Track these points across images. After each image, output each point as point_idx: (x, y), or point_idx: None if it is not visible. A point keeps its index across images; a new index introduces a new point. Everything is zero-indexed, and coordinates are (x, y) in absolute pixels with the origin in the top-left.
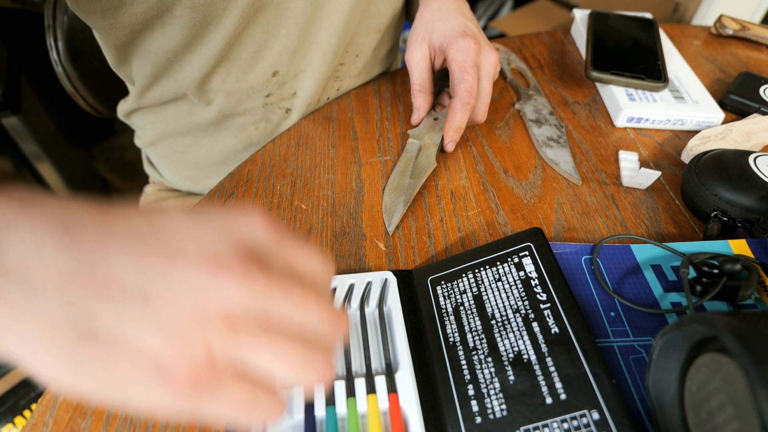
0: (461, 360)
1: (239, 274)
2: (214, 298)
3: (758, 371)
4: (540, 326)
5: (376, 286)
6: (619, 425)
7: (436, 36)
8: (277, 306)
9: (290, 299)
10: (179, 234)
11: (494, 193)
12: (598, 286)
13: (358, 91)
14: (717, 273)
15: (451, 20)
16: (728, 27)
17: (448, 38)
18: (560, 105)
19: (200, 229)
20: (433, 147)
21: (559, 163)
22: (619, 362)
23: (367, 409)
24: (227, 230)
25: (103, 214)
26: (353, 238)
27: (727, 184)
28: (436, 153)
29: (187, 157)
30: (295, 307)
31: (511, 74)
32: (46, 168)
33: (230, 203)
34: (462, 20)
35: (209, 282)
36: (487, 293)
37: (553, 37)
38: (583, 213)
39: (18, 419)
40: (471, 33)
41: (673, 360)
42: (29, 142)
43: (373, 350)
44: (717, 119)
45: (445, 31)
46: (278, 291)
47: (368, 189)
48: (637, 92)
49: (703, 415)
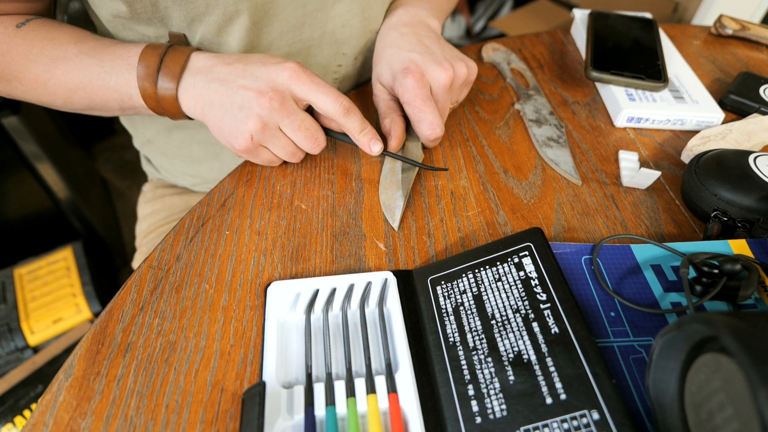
0: (461, 360)
1: (265, 101)
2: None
3: (758, 371)
4: (540, 326)
5: (376, 286)
6: (619, 425)
7: (385, 78)
8: (283, 124)
9: (290, 124)
10: (251, 74)
11: (494, 193)
12: (598, 286)
13: (357, 91)
14: (717, 273)
15: (399, 53)
16: (728, 27)
17: (395, 77)
18: (560, 105)
19: (256, 72)
20: (415, 145)
21: (559, 163)
22: (619, 362)
23: (367, 409)
24: (270, 75)
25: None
26: (353, 238)
27: (727, 184)
28: (420, 147)
29: (183, 152)
30: (291, 128)
31: (511, 74)
32: (46, 168)
33: (230, 203)
34: (406, 50)
35: (252, 100)
36: (487, 293)
37: (553, 37)
38: (583, 213)
39: (18, 419)
40: (413, 65)
41: (673, 360)
42: (29, 141)
43: (373, 350)
44: (717, 119)
45: (392, 69)
46: (284, 116)
47: (368, 189)
48: (637, 92)
49: (703, 415)
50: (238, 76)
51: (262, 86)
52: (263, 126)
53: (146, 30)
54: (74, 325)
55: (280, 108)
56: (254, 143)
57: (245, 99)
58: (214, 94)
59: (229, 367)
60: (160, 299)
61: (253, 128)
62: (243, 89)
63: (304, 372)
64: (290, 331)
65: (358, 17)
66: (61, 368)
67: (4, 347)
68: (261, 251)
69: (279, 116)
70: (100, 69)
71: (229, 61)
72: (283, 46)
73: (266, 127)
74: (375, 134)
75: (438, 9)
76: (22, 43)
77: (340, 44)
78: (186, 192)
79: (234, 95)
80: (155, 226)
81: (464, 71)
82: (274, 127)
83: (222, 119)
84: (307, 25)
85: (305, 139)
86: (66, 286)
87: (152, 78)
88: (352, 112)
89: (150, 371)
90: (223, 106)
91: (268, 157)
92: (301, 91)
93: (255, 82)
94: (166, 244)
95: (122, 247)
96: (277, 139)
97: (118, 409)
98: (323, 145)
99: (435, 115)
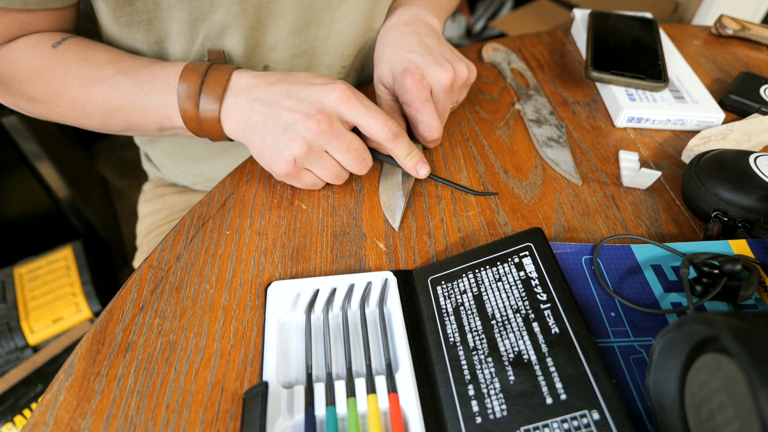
0: (461, 360)
1: (312, 124)
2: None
3: (758, 371)
4: (540, 326)
5: (376, 286)
6: (619, 425)
7: (386, 79)
8: (331, 147)
9: (338, 146)
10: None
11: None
12: (599, 286)
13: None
14: (717, 273)
15: (399, 54)
16: (728, 27)
17: (395, 78)
18: (560, 105)
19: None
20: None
21: (559, 163)
22: (619, 362)
23: (368, 409)
24: (317, 96)
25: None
26: (353, 238)
27: (728, 184)
28: (420, 148)
29: (185, 151)
30: (339, 151)
31: (511, 74)
32: (46, 167)
33: (230, 203)
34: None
35: (298, 123)
36: (487, 293)
37: (553, 37)
38: (584, 213)
39: (18, 418)
40: (413, 65)
41: (673, 360)
42: (29, 141)
43: (374, 350)
44: (717, 119)
45: (392, 69)
46: (332, 139)
47: (368, 189)
48: (637, 92)
49: (704, 416)
50: (282, 97)
51: (308, 109)
52: (308, 150)
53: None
54: (74, 324)
55: (328, 131)
56: (297, 167)
57: (290, 121)
58: (257, 115)
59: (230, 367)
60: (161, 299)
61: (298, 152)
62: (288, 111)
63: (305, 372)
64: (290, 331)
65: (363, 17)
66: (61, 368)
67: (4, 346)
68: (261, 251)
69: (327, 139)
70: (139, 90)
71: (273, 81)
72: (288, 47)
73: (311, 150)
74: (422, 157)
75: (439, 8)
76: (59, 65)
77: (345, 45)
78: (187, 191)
79: (278, 117)
80: (156, 225)
81: (465, 72)
82: (320, 150)
83: (264, 142)
84: (312, 26)
85: (353, 161)
86: (66, 286)
87: (194, 99)
88: (400, 136)
89: (150, 371)
90: (266, 127)
91: (311, 180)
92: (350, 114)
93: (301, 104)
94: (167, 243)
95: (122, 247)
96: (322, 162)
97: (118, 409)
98: (370, 164)
99: (433, 117)
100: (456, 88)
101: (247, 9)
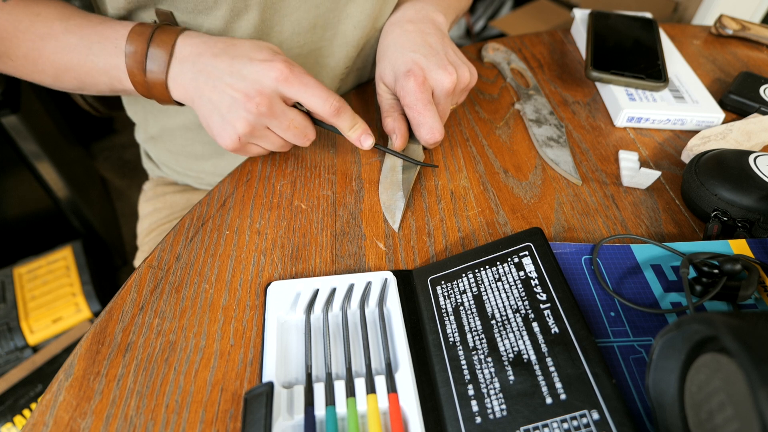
0: (461, 360)
1: (252, 106)
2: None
3: (758, 371)
4: (540, 326)
5: (376, 286)
6: (619, 425)
7: (387, 78)
8: (272, 125)
9: (278, 125)
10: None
11: (494, 193)
12: (598, 286)
13: (357, 90)
14: (717, 273)
15: (402, 54)
16: (728, 27)
17: (397, 79)
18: (560, 105)
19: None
20: (416, 146)
21: (559, 163)
22: (619, 362)
23: (367, 409)
24: (256, 75)
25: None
26: (353, 238)
27: (727, 184)
28: (421, 147)
29: (186, 149)
30: (279, 129)
31: (511, 74)
32: (46, 167)
33: (230, 203)
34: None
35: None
36: (487, 293)
37: (553, 36)
38: (583, 213)
39: (17, 418)
40: (416, 67)
41: (673, 360)
42: (29, 141)
43: (373, 350)
44: (717, 119)
45: (394, 69)
46: (272, 119)
47: (368, 189)
48: (637, 92)
49: (703, 415)
50: (225, 73)
51: (248, 89)
52: (251, 129)
53: None
54: (74, 324)
55: (267, 112)
56: (241, 143)
57: (233, 100)
58: (204, 87)
59: (229, 367)
60: (160, 299)
61: (241, 130)
62: (230, 89)
63: (304, 372)
64: (290, 331)
65: (369, 18)
66: (61, 368)
67: (4, 347)
68: (261, 251)
69: (267, 119)
70: (88, 51)
71: (216, 52)
72: (293, 47)
73: (254, 129)
74: (366, 129)
75: (446, 5)
76: (9, 19)
77: (350, 46)
78: (187, 190)
79: (222, 94)
80: (157, 224)
81: (467, 77)
82: (262, 128)
83: (210, 116)
84: (318, 27)
85: (294, 137)
86: (65, 286)
87: (141, 65)
88: (342, 111)
89: (150, 371)
90: (212, 102)
91: (256, 151)
92: (290, 92)
93: (242, 83)
94: (166, 243)
95: (122, 247)
96: (265, 137)
97: (118, 409)
98: (312, 138)
99: (435, 119)
100: (458, 91)
101: (251, 6)
